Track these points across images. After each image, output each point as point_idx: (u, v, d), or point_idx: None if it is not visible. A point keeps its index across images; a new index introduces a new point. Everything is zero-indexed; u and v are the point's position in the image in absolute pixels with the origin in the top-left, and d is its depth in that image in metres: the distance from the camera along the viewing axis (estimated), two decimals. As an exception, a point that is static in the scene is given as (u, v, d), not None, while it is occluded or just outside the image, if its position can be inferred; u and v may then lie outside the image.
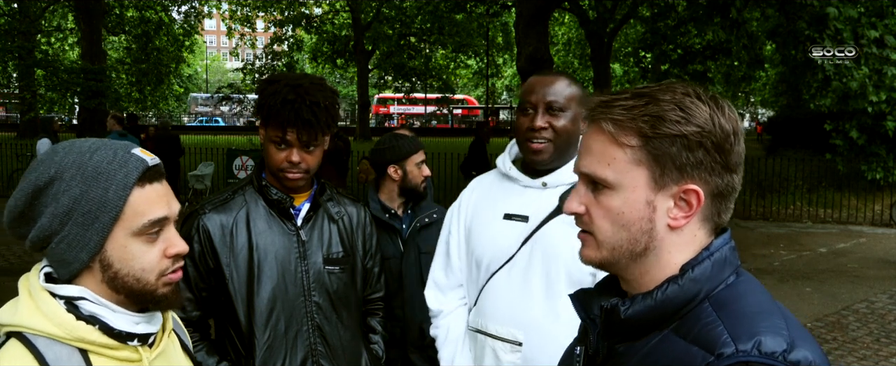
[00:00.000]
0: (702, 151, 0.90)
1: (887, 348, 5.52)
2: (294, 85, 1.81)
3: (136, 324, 1.08)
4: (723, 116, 0.91)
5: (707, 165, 0.91)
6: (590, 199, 0.96)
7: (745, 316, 0.87)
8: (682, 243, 0.94)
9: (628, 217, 0.93)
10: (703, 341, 0.86)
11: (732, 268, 0.94)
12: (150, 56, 24.89)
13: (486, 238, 1.91)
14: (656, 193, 0.92)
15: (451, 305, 2.04)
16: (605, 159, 0.94)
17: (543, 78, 1.86)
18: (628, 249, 0.94)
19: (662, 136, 0.90)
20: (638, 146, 0.92)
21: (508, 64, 37.84)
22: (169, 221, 1.09)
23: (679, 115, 0.90)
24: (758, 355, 0.82)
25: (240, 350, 1.85)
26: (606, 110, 0.94)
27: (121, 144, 1.08)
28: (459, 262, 2.02)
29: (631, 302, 0.93)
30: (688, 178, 0.91)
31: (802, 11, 8.28)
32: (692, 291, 0.91)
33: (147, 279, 1.06)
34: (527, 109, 1.85)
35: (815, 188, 13.11)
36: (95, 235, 1.02)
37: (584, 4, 20.99)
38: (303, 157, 1.83)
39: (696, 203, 0.92)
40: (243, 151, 13.26)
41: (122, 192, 1.02)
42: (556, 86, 1.82)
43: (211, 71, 64.42)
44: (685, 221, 0.93)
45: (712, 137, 0.90)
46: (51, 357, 0.99)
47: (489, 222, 1.92)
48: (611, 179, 0.93)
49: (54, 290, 1.04)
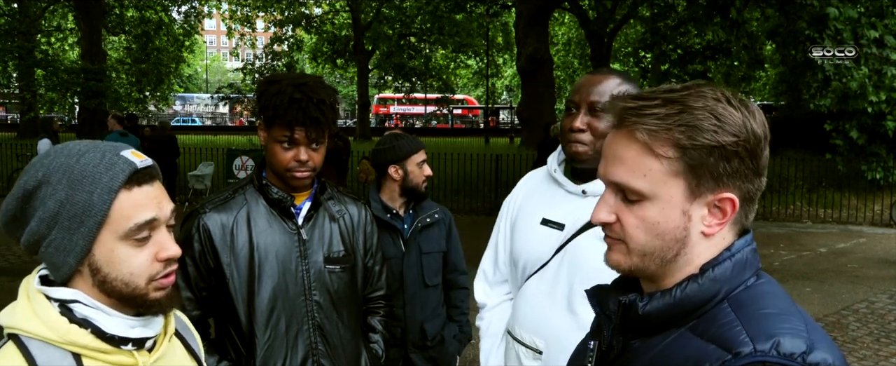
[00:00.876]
0: (737, 160, 0.89)
1: (887, 348, 5.52)
2: (298, 84, 1.81)
3: (131, 328, 1.06)
4: (754, 121, 0.91)
5: (741, 173, 0.90)
6: (620, 207, 0.95)
7: (764, 317, 0.87)
8: (712, 248, 0.94)
9: (664, 227, 0.92)
10: (720, 339, 0.86)
11: (753, 270, 0.94)
12: (150, 56, 24.91)
13: (525, 241, 1.89)
14: (692, 202, 0.91)
15: (496, 299, 2.05)
16: (640, 170, 0.91)
17: (592, 77, 1.80)
18: (660, 256, 0.93)
19: (700, 147, 0.88)
20: (675, 158, 0.89)
21: (508, 64, 37.85)
22: (159, 223, 1.06)
23: (714, 123, 0.88)
24: (776, 355, 0.81)
25: (240, 349, 1.85)
26: (638, 118, 0.91)
27: (111, 147, 1.06)
28: (505, 257, 2.01)
29: (649, 298, 0.93)
30: (723, 186, 0.90)
31: (802, 11, 8.28)
32: (711, 290, 0.90)
33: (136, 284, 1.04)
34: (571, 108, 1.80)
35: (815, 188, 13.11)
36: (81, 239, 1.01)
37: (584, 4, 21.00)
38: (310, 155, 1.84)
39: (730, 210, 0.91)
40: (243, 151, 13.27)
41: (106, 195, 1.01)
42: (603, 85, 1.75)
43: (211, 71, 64.41)
44: (719, 229, 0.92)
45: (747, 145, 0.89)
46: (42, 360, 0.99)
47: (529, 225, 1.89)
48: (647, 191, 0.91)
49: (49, 293, 1.04)
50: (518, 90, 32.22)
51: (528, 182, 2.02)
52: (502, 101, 51.99)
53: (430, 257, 2.89)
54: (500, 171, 12.80)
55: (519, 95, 25.50)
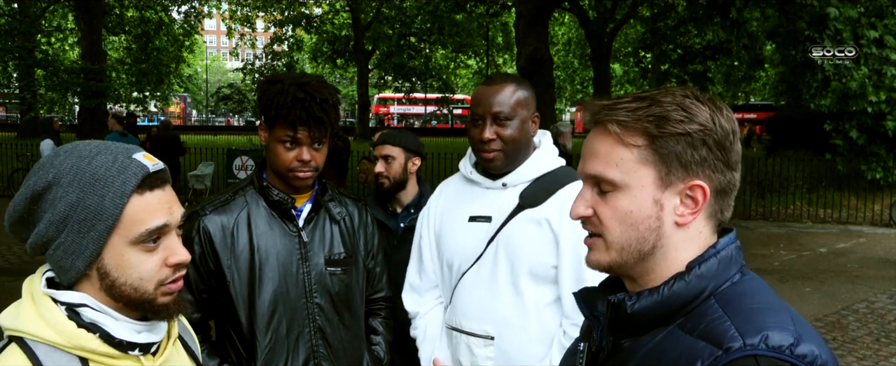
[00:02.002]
0: (705, 149, 0.93)
1: (887, 348, 5.52)
2: (301, 83, 1.80)
3: (137, 333, 1.05)
4: (722, 116, 0.95)
5: (710, 162, 0.94)
6: (596, 200, 0.98)
7: (751, 312, 0.89)
8: (688, 240, 0.96)
9: (637, 216, 0.95)
10: (710, 336, 0.88)
11: (738, 267, 0.96)
12: (150, 56, 24.89)
13: (454, 241, 2.01)
14: (663, 191, 0.95)
15: (427, 305, 2.13)
16: (612, 160, 0.96)
17: (488, 88, 1.92)
18: (637, 248, 0.96)
19: (668, 134, 0.93)
20: (644, 146, 0.94)
21: (508, 64, 37.82)
22: (170, 228, 1.05)
23: (682, 114, 0.93)
24: (765, 348, 0.84)
25: (241, 352, 1.85)
26: (611, 113, 0.96)
27: (123, 149, 1.04)
28: (432, 264, 2.11)
29: (637, 297, 0.95)
30: (693, 175, 0.94)
31: (802, 11, 8.28)
32: (698, 287, 0.93)
33: (145, 288, 1.03)
34: (477, 120, 1.92)
35: (815, 188, 13.10)
36: (91, 243, 1.00)
37: (584, 4, 21.00)
38: (312, 155, 1.83)
39: (701, 199, 0.94)
40: (243, 151, 13.26)
41: (119, 200, 0.99)
42: (501, 95, 1.88)
43: (211, 71, 64.40)
44: (692, 218, 0.95)
45: (714, 135, 0.93)
46: (49, 365, 0.97)
47: (456, 225, 2.01)
48: (618, 180, 0.95)
49: (56, 296, 1.02)
50: (518, 90, 31.95)
51: (444, 190, 2.15)
52: (502, 101, 51.80)
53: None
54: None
55: (519, 95, 25.27)
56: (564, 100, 36.82)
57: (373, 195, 2.94)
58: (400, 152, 2.88)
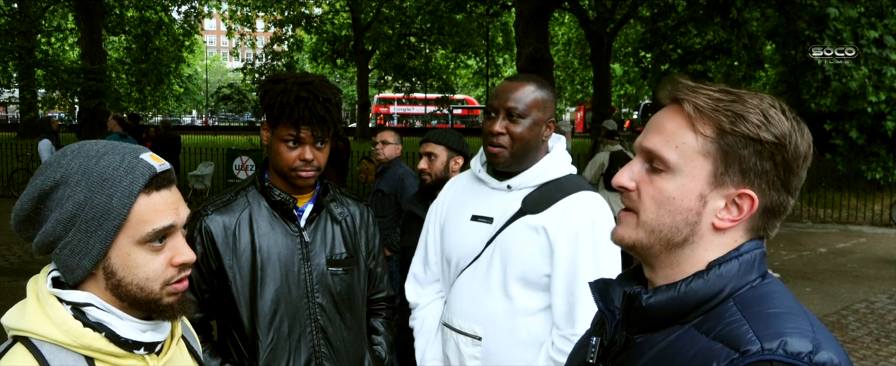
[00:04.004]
0: (770, 162, 0.90)
1: (887, 348, 5.52)
2: (304, 83, 1.81)
3: (142, 332, 1.06)
4: (801, 137, 0.91)
5: (770, 178, 0.90)
6: (643, 176, 0.96)
7: (770, 316, 0.87)
8: (721, 246, 0.94)
9: (678, 204, 0.92)
10: (727, 338, 0.86)
11: (759, 272, 0.94)
12: (150, 56, 24.89)
13: (456, 238, 2.02)
14: (713, 188, 0.92)
15: (427, 298, 2.15)
16: (674, 141, 0.93)
17: (508, 83, 1.93)
18: (667, 236, 0.94)
19: (739, 134, 0.89)
20: (712, 137, 0.91)
21: (508, 64, 37.82)
22: (176, 228, 1.06)
23: (761, 120, 0.89)
24: (784, 354, 0.82)
25: (243, 352, 1.85)
26: (692, 94, 0.93)
27: (130, 149, 1.04)
28: (435, 257, 2.12)
29: (654, 291, 0.93)
30: (748, 183, 0.91)
31: (802, 11, 8.29)
32: (716, 287, 0.91)
33: (151, 288, 1.04)
34: (490, 112, 1.93)
35: (815, 188, 13.11)
36: (99, 242, 1.00)
37: (584, 4, 21.00)
38: (315, 154, 1.83)
39: (747, 209, 0.91)
40: (243, 151, 13.26)
41: (126, 199, 1.00)
42: (520, 92, 1.88)
43: (211, 71, 64.39)
44: (731, 225, 0.92)
45: (785, 153, 0.90)
46: (56, 364, 0.98)
47: (459, 223, 2.02)
48: (673, 162, 0.92)
49: (61, 295, 1.02)
50: (518, 90, 31.97)
51: (455, 185, 2.15)
52: (502, 101, 51.81)
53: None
54: (501, 171, 12.77)
55: (519, 95, 25.29)
56: (564, 100, 36.81)
57: (417, 191, 3.06)
58: (443, 151, 3.02)
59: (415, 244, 3.06)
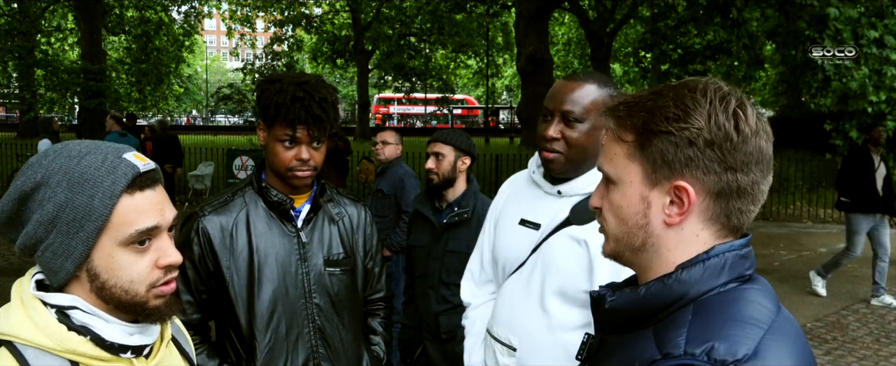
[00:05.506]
0: (693, 149, 0.88)
1: (887, 348, 5.52)
2: (300, 82, 1.80)
3: (129, 335, 1.03)
4: (723, 115, 0.88)
5: (699, 163, 0.89)
6: (603, 194, 1.00)
7: (715, 322, 0.84)
8: (682, 242, 0.93)
9: (626, 211, 0.95)
10: (661, 341, 0.85)
11: (733, 275, 0.90)
12: (150, 56, 24.90)
13: (504, 241, 1.91)
14: (650, 189, 0.93)
15: (481, 298, 2.06)
16: (609, 155, 0.97)
17: (567, 83, 1.75)
18: (627, 242, 0.96)
19: (650, 131, 0.91)
20: (631, 141, 0.94)
21: (508, 64, 37.84)
22: (161, 229, 1.03)
23: (674, 112, 0.90)
24: (705, 360, 0.79)
25: (241, 353, 1.85)
26: (611, 109, 0.97)
27: (113, 148, 1.02)
28: (489, 257, 2.03)
29: (619, 294, 0.94)
30: (678, 175, 0.90)
31: (802, 11, 8.29)
32: (677, 292, 0.89)
33: (136, 291, 1.01)
34: (546, 115, 1.77)
35: (815, 188, 13.11)
36: (80, 244, 0.97)
37: (584, 4, 21.01)
38: (311, 154, 1.83)
39: (687, 200, 0.90)
40: (243, 151, 13.25)
41: (108, 200, 0.97)
42: (577, 93, 1.71)
43: (211, 71, 64.40)
44: (680, 219, 0.92)
45: (705, 134, 0.88)
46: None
47: (508, 226, 1.90)
48: (612, 175, 0.97)
49: (46, 298, 1.00)
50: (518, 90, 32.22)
51: (512, 184, 2.04)
52: (502, 101, 51.97)
53: (451, 257, 2.92)
54: (500, 171, 12.79)
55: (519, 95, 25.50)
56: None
57: (423, 191, 3.07)
58: (451, 151, 3.02)
59: (420, 243, 3.07)
